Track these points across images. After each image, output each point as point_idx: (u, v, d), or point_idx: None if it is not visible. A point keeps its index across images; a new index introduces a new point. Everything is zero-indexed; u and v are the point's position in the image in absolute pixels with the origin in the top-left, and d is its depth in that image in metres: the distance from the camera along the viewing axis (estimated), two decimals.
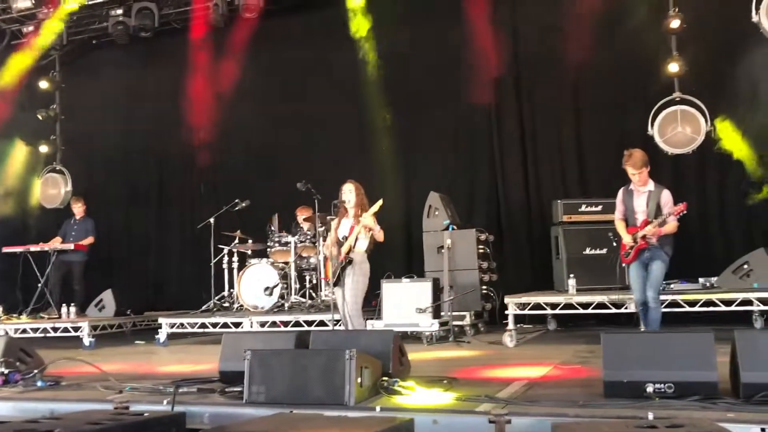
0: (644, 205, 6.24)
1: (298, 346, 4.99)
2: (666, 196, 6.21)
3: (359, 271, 6.08)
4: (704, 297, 6.93)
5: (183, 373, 6.04)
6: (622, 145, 9.11)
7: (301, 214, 9.50)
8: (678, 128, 8.48)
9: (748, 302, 6.84)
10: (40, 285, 9.79)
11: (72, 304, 9.58)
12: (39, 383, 5.34)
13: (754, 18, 7.71)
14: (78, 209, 10.43)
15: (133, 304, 9.78)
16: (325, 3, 10.43)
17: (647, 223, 6.15)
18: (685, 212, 5.99)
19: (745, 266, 7.20)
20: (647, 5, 8.90)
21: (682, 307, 6.91)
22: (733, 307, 6.86)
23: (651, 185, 6.26)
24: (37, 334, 8.92)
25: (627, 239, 6.32)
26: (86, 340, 8.73)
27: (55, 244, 10.03)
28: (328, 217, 8.19)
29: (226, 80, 10.88)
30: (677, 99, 8.59)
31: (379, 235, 6.25)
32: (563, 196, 8.95)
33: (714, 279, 7.63)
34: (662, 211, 6.14)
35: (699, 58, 8.63)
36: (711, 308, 6.91)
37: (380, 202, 6.12)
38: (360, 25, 10.23)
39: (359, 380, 4.11)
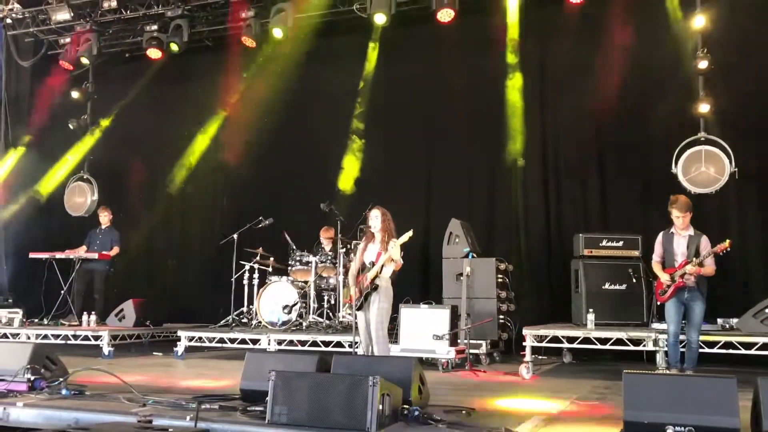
0: (684, 248, 6.56)
1: (319, 369, 5.06)
2: (705, 241, 6.53)
3: (384, 297, 6.14)
4: (724, 339, 6.94)
5: (204, 389, 6.13)
6: (645, 182, 9.32)
7: (325, 235, 9.60)
8: (702, 168, 8.51)
9: None
10: (62, 292, 9.94)
11: (93, 312, 9.70)
12: (64, 391, 5.44)
13: None
14: (104, 218, 10.59)
15: (153, 315, 9.88)
16: (354, 28, 10.59)
17: (687, 263, 6.41)
18: (728, 249, 6.25)
19: (767, 310, 7.18)
20: (675, 45, 8.99)
21: (701, 348, 6.91)
22: (752, 351, 6.86)
23: (691, 230, 6.60)
24: (58, 341, 9.04)
25: (665, 278, 6.59)
26: (106, 349, 8.83)
27: (80, 252, 10.20)
28: (354, 242, 8.30)
29: (255, 98, 11.10)
30: (702, 139, 8.63)
31: (397, 267, 6.30)
32: (584, 230, 8.97)
33: (733, 320, 7.62)
34: (701, 255, 6.40)
35: (725, 100, 8.68)
36: (730, 350, 6.91)
37: (410, 232, 6.18)
38: (383, 51, 10.43)
39: (381, 407, 4.16)
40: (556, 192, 9.91)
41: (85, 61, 11.37)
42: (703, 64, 8.65)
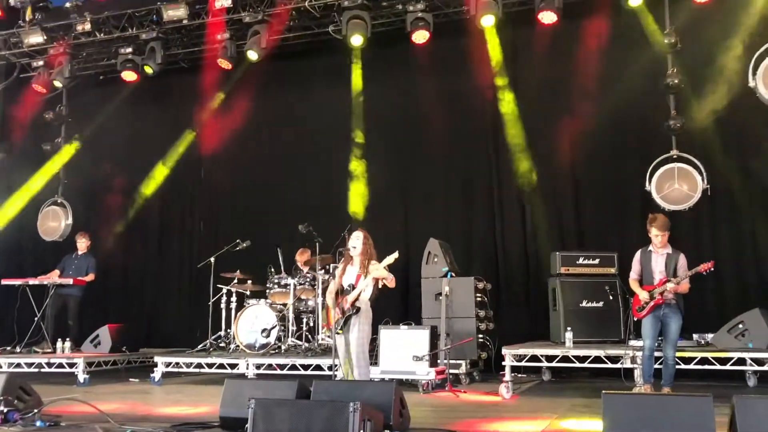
0: (663, 266, 6.62)
1: (299, 395, 5.03)
2: (683, 260, 6.61)
3: (365, 320, 6.12)
4: (700, 355, 7.03)
5: (182, 416, 6.05)
6: (620, 200, 9.43)
7: (301, 258, 9.58)
8: (675, 185, 8.65)
9: (743, 361, 6.93)
10: (36, 318, 9.77)
11: (67, 339, 9.54)
12: (38, 423, 5.35)
13: (751, 83, 7.94)
14: (82, 244, 10.42)
15: (129, 341, 9.74)
16: (329, 49, 10.65)
17: (666, 281, 6.47)
18: (712, 269, 6.33)
19: (740, 326, 7.30)
20: (647, 63, 9.15)
21: (678, 364, 6.97)
22: (727, 366, 6.95)
23: (669, 248, 6.67)
24: (32, 369, 8.87)
25: (644, 295, 6.63)
26: (81, 377, 8.66)
27: (54, 277, 10.03)
28: (332, 264, 8.28)
29: (229, 120, 11.10)
30: (674, 156, 8.77)
31: (391, 283, 6.29)
32: (560, 248, 9.05)
33: (708, 336, 7.73)
34: (679, 273, 6.49)
35: (696, 117, 8.83)
36: (706, 366, 6.99)
37: (395, 254, 6.19)
38: (360, 72, 10.50)
39: None
40: (532, 211, 9.98)
41: (58, 84, 11.25)
42: (673, 82, 8.82)
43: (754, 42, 8.17)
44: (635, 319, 6.99)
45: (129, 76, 11.07)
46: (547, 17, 9.15)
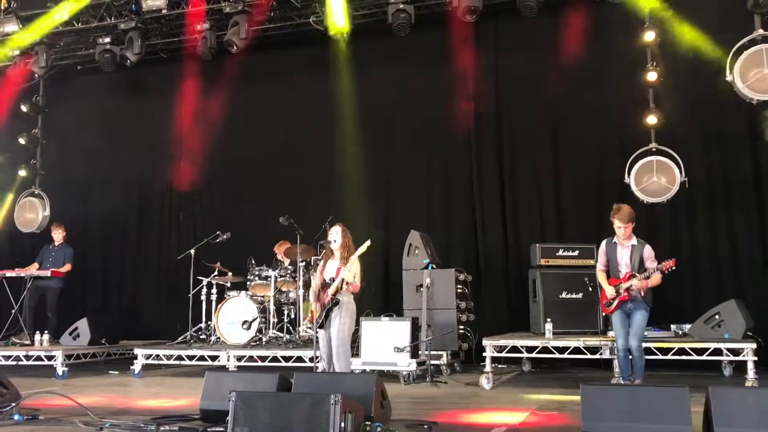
0: (628, 259, 6.41)
1: (280, 388, 5.03)
2: (648, 250, 6.40)
3: (346, 312, 6.13)
4: (677, 345, 7.11)
5: (162, 409, 6.03)
6: (599, 192, 9.51)
7: (279, 251, 9.57)
8: (654, 178, 8.72)
9: (719, 351, 7.03)
10: (13, 311, 9.66)
11: (45, 331, 9.45)
12: (16, 417, 5.30)
13: (728, 77, 8.02)
14: (58, 235, 10.34)
15: (108, 333, 9.67)
16: (310, 40, 10.60)
17: (631, 276, 6.31)
18: (673, 268, 6.14)
19: (717, 316, 7.39)
20: (627, 58, 9.22)
21: (656, 354, 7.07)
22: (704, 357, 7.05)
23: (634, 239, 6.45)
24: (9, 362, 8.78)
25: (610, 291, 6.45)
26: (60, 370, 8.60)
27: (32, 270, 9.91)
28: (313, 257, 8.27)
29: (209, 112, 11.03)
30: (653, 150, 8.85)
31: (356, 288, 6.28)
32: (540, 240, 9.12)
33: (686, 327, 7.83)
34: (645, 265, 6.32)
35: (675, 111, 8.92)
36: (683, 356, 7.08)
37: (368, 243, 6.19)
38: (343, 63, 10.46)
39: (343, 425, 4.15)
40: (512, 203, 10.04)
41: (35, 73, 11.10)
42: (652, 76, 8.89)
43: (732, 36, 8.24)
44: (603, 314, 6.93)
45: (107, 66, 10.93)
46: (528, 10, 9.17)
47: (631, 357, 6.33)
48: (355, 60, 10.52)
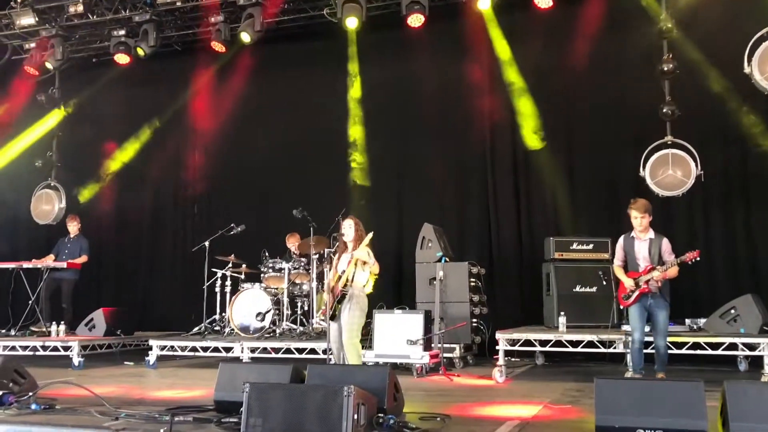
0: (646, 252, 6.44)
1: (294, 380, 5.05)
2: (666, 243, 6.45)
3: (356, 305, 6.13)
4: (692, 339, 7.07)
5: (177, 400, 6.07)
6: (614, 185, 9.45)
7: (290, 243, 9.60)
8: (669, 171, 8.65)
9: (734, 346, 6.98)
10: (30, 302, 9.76)
11: (62, 322, 9.55)
12: (33, 406, 5.36)
13: (746, 69, 7.92)
14: (73, 227, 10.43)
15: (123, 325, 9.74)
16: (324, 33, 10.58)
17: (652, 269, 6.31)
18: (698, 258, 6.14)
19: (732, 311, 7.34)
20: (643, 49, 9.14)
21: (671, 349, 7.02)
22: (719, 351, 7.01)
23: (651, 233, 6.48)
24: (27, 352, 8.87)
25: (629, 283, 6.49)
26: (76, 360, 8.68)
27: (48, 261, 10.01)
28: (326, 250, 8.29)
29: (222, 104, 11.06)
30: (669, 142, 8.77)
31: (375, 268, 6.32)
32: (554, 234, 9.09)
33: (701, 321, 7.78)
34: (663, 258, 6.32)
35: (691, 103, 8.83)
36: (698, 351, 7.05)
37: (370, 234, 6.22)
38: (355, 56, 10.46)
39: (356, 417, 4.16)
40: (526, 196, 10.00)
41: (50, 66, 11.17)
42: (668, 68, 8.80)
43: (750, 28, 8.14)
44: (621, 307, 6.94)
45: (122, 58, 10.97)
46: (544, 1, 9.13)
47: (651, 351, 6.35)
48: (370, 52, 10.51)
